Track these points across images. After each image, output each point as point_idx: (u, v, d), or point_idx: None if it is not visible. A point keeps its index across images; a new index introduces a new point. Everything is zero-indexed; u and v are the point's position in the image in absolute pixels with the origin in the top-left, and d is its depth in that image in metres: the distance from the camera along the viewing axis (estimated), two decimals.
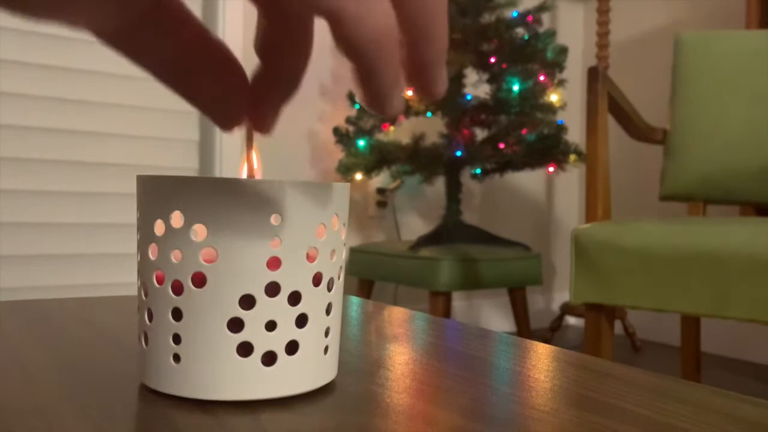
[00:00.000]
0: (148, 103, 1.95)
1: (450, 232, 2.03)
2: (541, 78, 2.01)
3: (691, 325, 1.66)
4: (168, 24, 0.22)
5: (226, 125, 0.25)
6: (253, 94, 0.25)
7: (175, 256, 0.28)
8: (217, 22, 1.98)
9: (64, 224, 1.85)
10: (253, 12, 1.98)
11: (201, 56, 0.23)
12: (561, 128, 2.03)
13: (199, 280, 0.28)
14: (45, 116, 1.82)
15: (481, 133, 2.10)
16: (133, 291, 1.96)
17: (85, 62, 1.85)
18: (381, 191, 2.32)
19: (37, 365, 0.33)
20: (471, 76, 2.14)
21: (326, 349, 0.30)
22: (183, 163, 2.04)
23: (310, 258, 0.29)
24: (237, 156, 2.02)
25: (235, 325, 0.28)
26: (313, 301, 0.29)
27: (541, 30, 2.06)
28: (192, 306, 0.28)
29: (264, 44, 0.25)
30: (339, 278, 0.31)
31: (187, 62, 0.23)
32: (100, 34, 0.22)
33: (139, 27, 0.22)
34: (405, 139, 2.02)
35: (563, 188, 2.87)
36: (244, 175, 0.30)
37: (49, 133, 1.83)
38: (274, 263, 0.28)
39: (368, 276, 2.01)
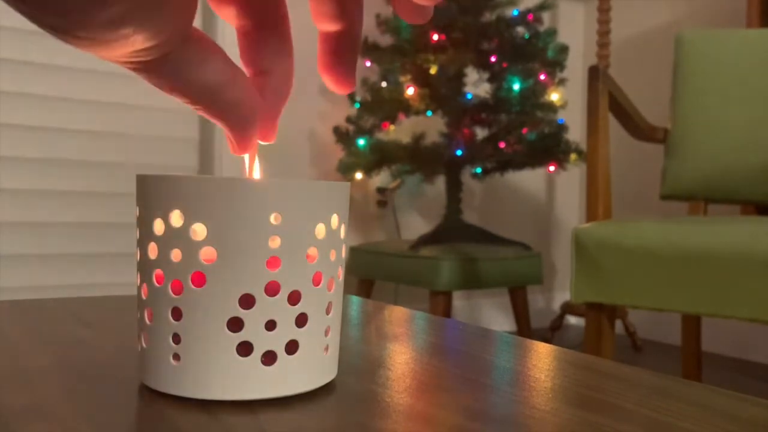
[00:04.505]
0: (148, 102, 1.94)
1: (450, 231, 2.03)
2: (542, 77, 2.01)
3: (691, 324, 1.66)
4: (203, 52, 0.24)
5: (244, 147, 0.27)
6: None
7: (174, 255, 0.28)
8: (216, 33, 1.98)
9: (64, 224, 1.85)
10: None
11: (231, 83, 0.26)
12: (562, 127, 2.02)
13: (199, 280, 0.27)
14: (45, 116, 1.82)
15: (481, 132, 2.10)
16: (133, 291, 1.96)
17: (84, 61, 1.85)
18: (381, 190, 2.32)
19: (37, 365, 0.33)
20: (471, 74, 2.14)
21: (326, 349, 0.30)
22: (183, 162, 2.04)
23: (309, 257, 0.29)
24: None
25: (235, 324, 0.28)
26: (312, 301, 0.29)
27: (541, 29, 2.06)
28: (192, 305, 0.28)
29: (251, 51, 0.28)
30: (339, 278, 0.31)
31: (220, 87, 0.25)
32: (140, 64, 0.23)
33: (177, 55, 0.23)
34: (405, 138, 2.02)
35: (564, 187, 2.87)
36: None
37: (49, 133, 1.83)
38: (273, 263, 0.28)
39: (368, 275, 2.01)
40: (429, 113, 2.02)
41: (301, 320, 0.29)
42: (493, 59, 1.98)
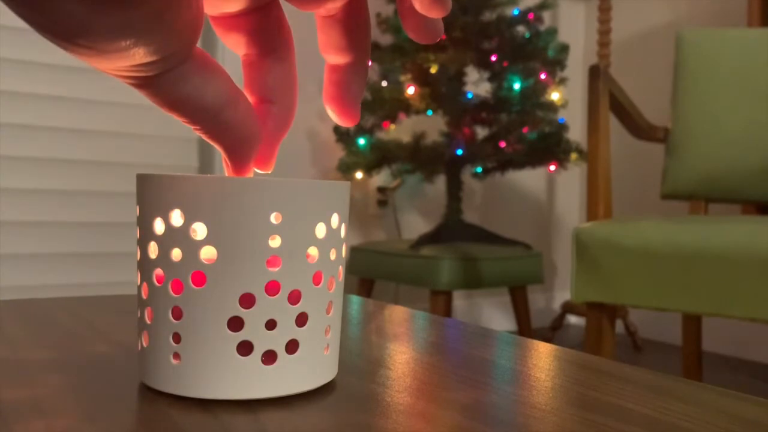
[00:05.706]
0: (148, 101, 1.94)
1: (451, 230, 2.03)
2: (543, 76, 2.01)
3: (692, 324, 1.66)
4: (204, 71, 0.24)
5: (240, 171, 0.27)
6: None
7: (174, 254, 0.28)
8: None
9: (64, 224, 1.85)
10: None
11: (232, 104, 0.25)
12: (562, 127, 2.02)
13: (199, 279, 0.27)
14: (45, 115, 1.82)
15: (482, 132, 2.10)
16: (133, 291, 1.96)
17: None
18: (381, 190, 2.32)
19: (36, 364, 0.33)
20: (472, 74, 2.14)
21: (326, 348, 0.30)
22: (183, 162, 2.04)
23: (310, 257, 0.29)
24: None
25: (235, 324, 0.28)
26: (313, 300, 0.29)
27: (542, 28, 2.05)
28: (192, 305, 0.28)
29: (255, 80, 0.28)
30: (339, 277, 0.31)
31: (220, 108, 0.25)
32: (139, 79, 0.23)
33: (177, 72, 0.23)
34: (405, 137, 2.02)
35: (564, 187, 2.87)
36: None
37: (49, 132, 1.83)
38: (273, 262, 0.28)
39: (369, 275, 2.01)
40: (429, 112, 2.02)
41: (302, 320, 0.29)
42: (493, 58, 1.98)
